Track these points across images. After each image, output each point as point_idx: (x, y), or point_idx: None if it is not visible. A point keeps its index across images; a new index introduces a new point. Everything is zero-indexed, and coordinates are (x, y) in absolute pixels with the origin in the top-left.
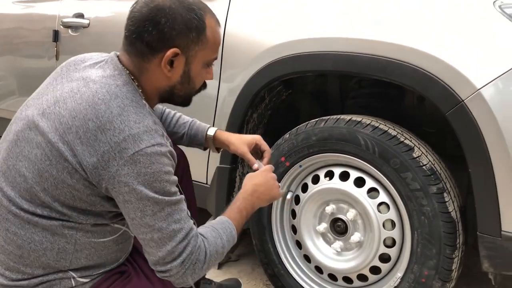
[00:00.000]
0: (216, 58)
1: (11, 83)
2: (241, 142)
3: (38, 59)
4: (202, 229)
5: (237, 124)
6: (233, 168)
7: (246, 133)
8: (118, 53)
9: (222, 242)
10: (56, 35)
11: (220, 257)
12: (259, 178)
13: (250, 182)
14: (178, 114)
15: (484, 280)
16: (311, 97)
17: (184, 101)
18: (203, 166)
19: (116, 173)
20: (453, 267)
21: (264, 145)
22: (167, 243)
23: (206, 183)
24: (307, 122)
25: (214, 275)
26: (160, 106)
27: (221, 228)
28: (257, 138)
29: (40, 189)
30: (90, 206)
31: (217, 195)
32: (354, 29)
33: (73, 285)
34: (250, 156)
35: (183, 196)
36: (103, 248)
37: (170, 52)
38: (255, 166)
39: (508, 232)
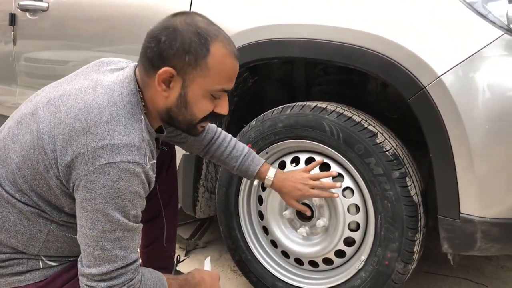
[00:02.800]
0: (225, 90)
1: None
2: (290, 197)
3: None
4: (147, 272)
5: None
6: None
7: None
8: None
9: None
10: (13, 19)
11: None
12: (208, 277)
13: (199, 274)
14: (233, 142)
15: (444, 261)
16: (277, 83)
17: (187, 129)
18: None
19: (83, 176)
20: (415, 249)
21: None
22: (104, 265)
23: None
24: (273, 109)
25: (182, 262)
26: (213, 127)
27: (160, 285)
28: (306, 194)
29: (20, 175)
30: (63, 204)
31: (183, 183)
32: (320, 16)
33: (41, 266)
34: (301, 207)
35: (140, 225)
36: (77, 245)
37: (162, 70)
38: (309, 212)
39: (466, 214)
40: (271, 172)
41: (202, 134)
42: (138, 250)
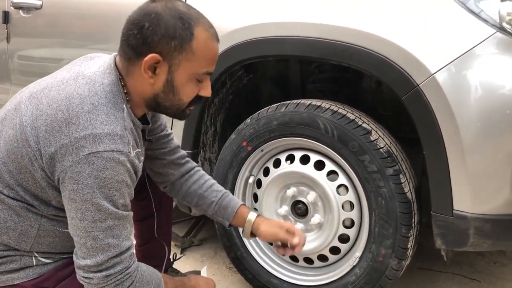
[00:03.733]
0: (209, 73)
1: None
2: (265, 235)
3: None
4: (144, 266)
5: (198, 109)
6: (196, 153)
7: (207, 118)
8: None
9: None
10: (6, 17)
11: None
12: (203, 283)
13: (195, 278)
14: (212, 181)
15: (437, 257)
16: (272, 81)
17: (175, 114)
18: None
19: (69, 168)
20: (409, 246)
21: (291, 227)
22: (98, 255)
23: None
24: (268, 107)
25: (178, 260)
26: (193, 163)
27: (156, 280)
28: (279, 235)
29: (6, 170)
30: (49, 198)
31: None
32: (314, 14)
33: (34, 263)
34: (283, 236)
35: (131, 213)
36: (69, 240)
37: (149, 57)
38: (295, 241)
39: (459, 211)
40: (252, 215)
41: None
42: (132, 238)
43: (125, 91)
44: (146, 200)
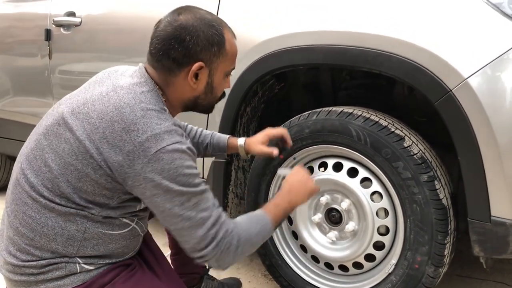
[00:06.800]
0: (234, 68)
1: (4, 83)
2: (255, 142)
3: (31, 58)
4: (237, 218)
5: (231, 118)
6: (229, 162)
7: (240, 127)
8: (144, 65)
9: (256, 231)
10: (48, 34)
11: (253, 245)
12: (293, 176)
13: (285, 182)
14: (200, 129)
15: (477, 264)
16: (303, 89)
17: (207, 109)
18: (199, 160)
19: (141, 170)
20: (445, 253)
21: (277, 132)
22: (198, 230)
23: (202, 177)
24: (299, 115)
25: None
26: (182, 122)
27: (256, 219)
28: (268, 132)
29: (63, 180)
30: (108, 200)
31: (213, 189)
32: (344, 22)
33: (78, 270)
34: (266, 150)
35: (207, 186)
36: (111, 241)
37: (195, 66)
38: (275, 152)
39: (497, 217)
40: (241, 140)
41: None
42: (216, 204)
43: (164, 98)
44: None
